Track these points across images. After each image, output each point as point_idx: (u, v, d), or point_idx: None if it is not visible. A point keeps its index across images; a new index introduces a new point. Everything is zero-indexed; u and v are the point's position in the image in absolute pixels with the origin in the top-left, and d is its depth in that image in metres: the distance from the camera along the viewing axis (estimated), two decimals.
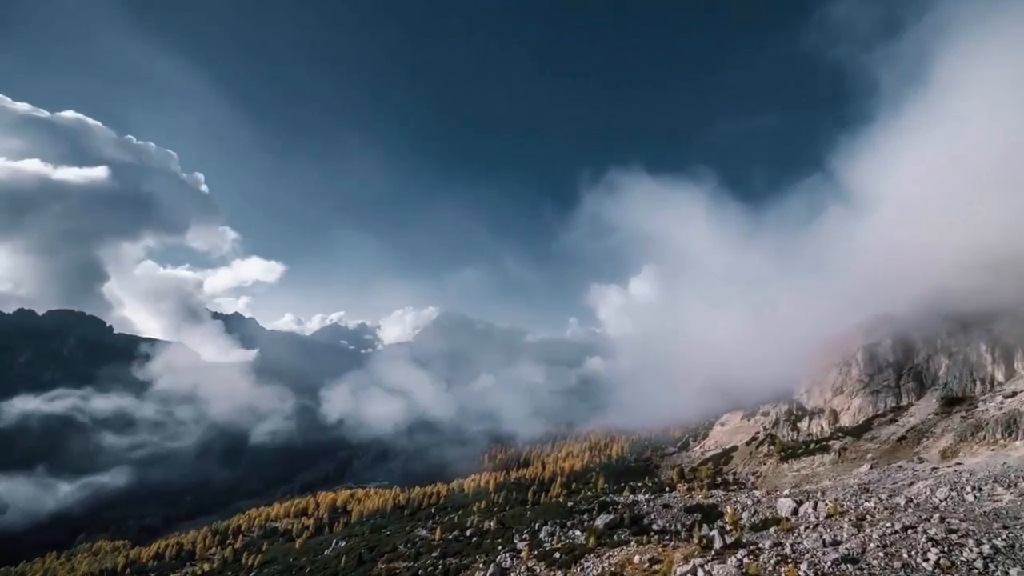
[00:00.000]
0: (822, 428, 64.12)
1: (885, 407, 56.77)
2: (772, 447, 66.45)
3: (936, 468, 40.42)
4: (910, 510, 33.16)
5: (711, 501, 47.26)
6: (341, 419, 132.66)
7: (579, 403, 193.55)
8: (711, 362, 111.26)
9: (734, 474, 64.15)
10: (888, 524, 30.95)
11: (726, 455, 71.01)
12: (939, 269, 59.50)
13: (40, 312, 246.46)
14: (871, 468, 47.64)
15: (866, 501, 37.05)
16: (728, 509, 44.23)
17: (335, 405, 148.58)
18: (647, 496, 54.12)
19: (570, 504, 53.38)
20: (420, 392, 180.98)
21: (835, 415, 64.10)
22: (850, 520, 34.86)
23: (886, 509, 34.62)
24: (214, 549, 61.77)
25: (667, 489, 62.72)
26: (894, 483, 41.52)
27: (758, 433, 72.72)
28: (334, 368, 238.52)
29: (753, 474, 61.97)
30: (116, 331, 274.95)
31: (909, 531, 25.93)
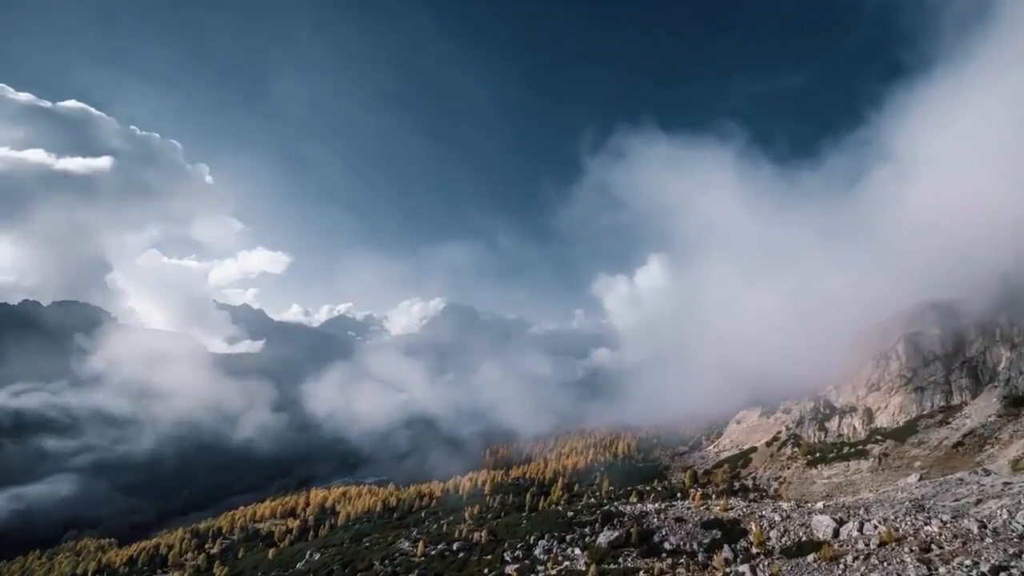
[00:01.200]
0: (854, 429, 57.30)
1: (932, 406, 49.72)
2: (796, 449, 59.93)
3: (1009, 483, 33.73)
4: (989, 539, 26.60)
5: (732, 515, 41.23)
6: (339, 412, 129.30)
7: (584, 396, 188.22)
8: (727, 353, 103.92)
9: (754, 479, 57.90)
10: (968, 561, 24.28)
11: (744, 457, 64.68)
12: (1000, 245, 51.15)
13: (45, 303, 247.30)
14: (921, 479, 41.01)
15: (926, 524, 30.57)
16: (753, 526, 38.17)
17: (335, 398, 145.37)
18: (657, 505, 48.25)
19: (570, 513, 47.77)
20: (423, 385, 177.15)
21: (870, 414, 57.16)
22: (912, 550, 28.24)
23: (956, 537, 28.09)
24: (190, 554, 57.78)
25: (679, 495, 56.82)
26: (955, 500, 34.90)
27: (779, 433, 66.14)
28: (337, 359, 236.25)
29: (776, 479, 55.65)
30: (121, 322, 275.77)
31: (1002, 574, 19.62)
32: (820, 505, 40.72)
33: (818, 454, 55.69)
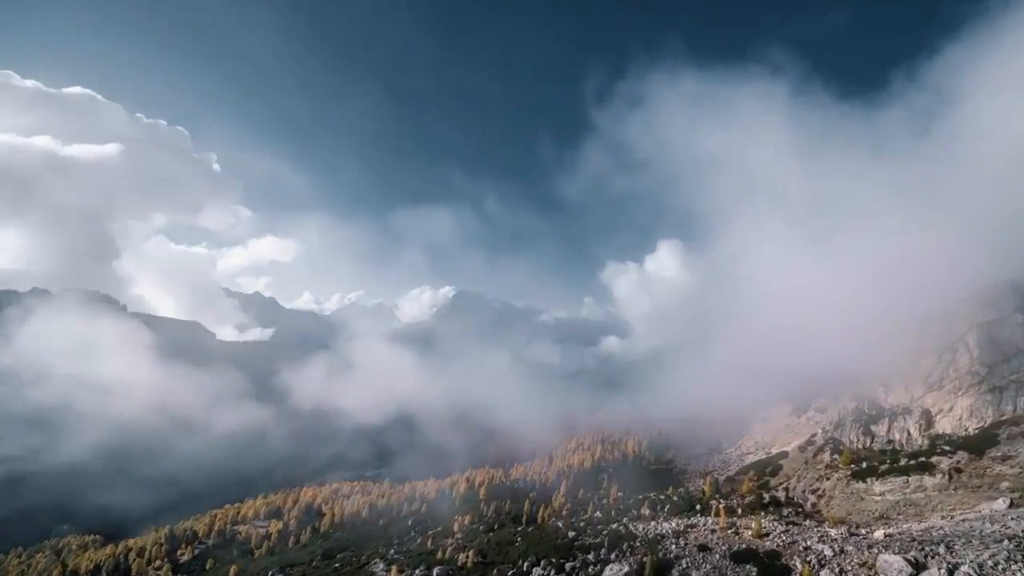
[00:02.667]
0: (908, 435, 48.70)
1: (1014, 410, 40.84)
2: (837, 456, 51.68)
3: None
4: None
5: (769, 545, 33.73)
6: (337, 403, 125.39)
7: (593, 388, 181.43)
8: (750, 340, 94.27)
9: (787, 491, 50.06)
10: None
11: (772, 463, 56.73)
12: None
13: (54, 291, 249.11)
14: (1013, 505, 32.69)
15: None
16: (797, 563, 30.70)
17: (333, 388, 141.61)
18: (674, 524, 41.02)
19: (571, 533, 40.93)
20: (428, 376, 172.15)
21: (928, 418, 48.43)
22: None
23: None
24: (158, 562, 53.11)
25: (698, 508, 49.53)
26: None
27: (814, 436, 57.84)
28: (343, 348, 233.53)
29: (813, 492, 47.73)
30: (130, 310, 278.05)
31: None
32: (880, 534, 32.93)
33: (865, 464, 47.45)
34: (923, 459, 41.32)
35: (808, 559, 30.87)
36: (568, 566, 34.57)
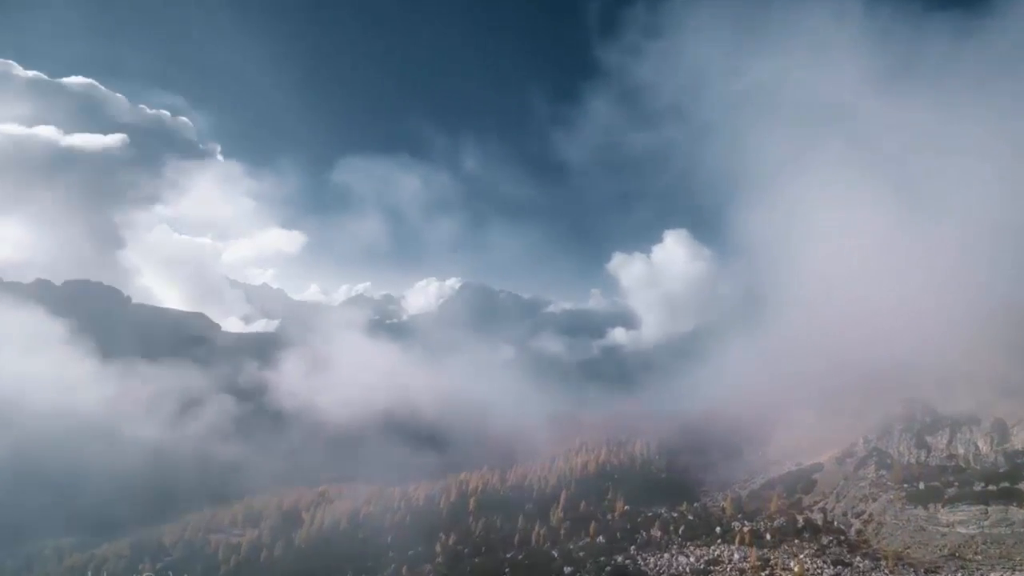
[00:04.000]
0: (977, 450, 40.64)
1: None
2: (885, 472, 43.90)
3: None
4: None
5: None
6: (335, 398, 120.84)
7: (600, 381, 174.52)
8: (775, 329, 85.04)
9: (824, 513, 42.56)
10: None
11: (804, 477, 49.16)
12: None
13: (58, 283, 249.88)
14: None
15: None
16: None
17: (332, 381, 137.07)
18: (692, 560, 34.07)
19: (567, 570, 34.23)
20: (427, 371, 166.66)
21: (1003, 430, 40.26)
22: None
23: None
24: None
25: (718, 530, 42.50)
26: None
27: (854, 446, 49.98)
28: (342, 340, 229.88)
29: (858, 516, 40.18)
30: (135, 301, 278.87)
31: None
32: None
33: (922, 484, 39.63)
34: (1006, 483, 33.36)
35: None
36: None
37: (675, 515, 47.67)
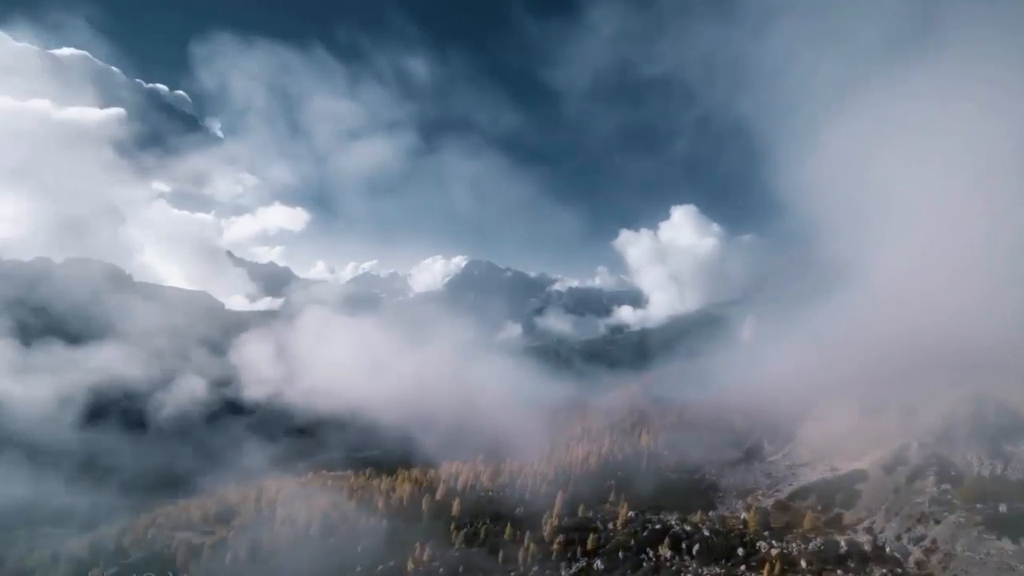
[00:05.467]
0: None
1: None
2: (950, 487, 35.88)
3: None
4: None
5: None
6: (322, 383, 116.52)
7: (605, 361, 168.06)
8: (801, 297, 74.90)
9: (872, 535, 35.03)
10: None
11: (844, 487, 41.53)
12: None
13: (58, 260, 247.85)
14: None
15: None
16: None
17: (323, 365, 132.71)
18: None
19: None
20: (434, 353, 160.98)
21: None
22: None
23: None
24: None
25: (740, 552, 35.53)
26: None
27: (905, 450, 41.81)
28: (335, 321, 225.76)
29: (917, 543, 32.57)
30: (136, 279, 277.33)
31: None
32: None
33: (1003, 507, 31.59)
34: None
35: None
36: None
37: (687, 528, 40.75)
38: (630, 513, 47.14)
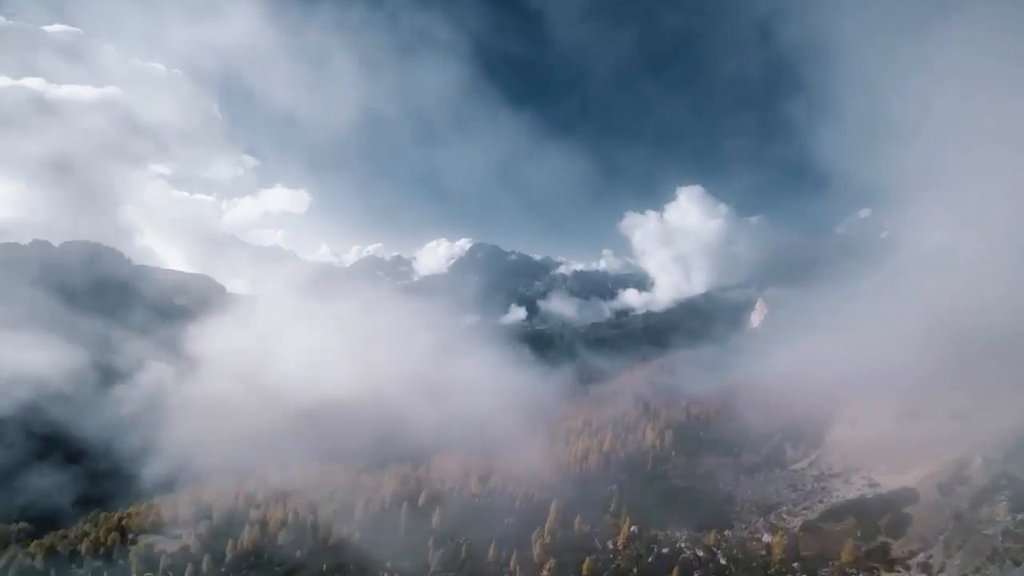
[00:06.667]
0: None
1: None
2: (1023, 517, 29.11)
3: None
4: None
5: None
6: (314, 371, 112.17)
7: (610, 346, 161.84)
8: (831, 276, 68.59)
9: (930, 574, 28.68)
10: None
11: (890, 507, 35.03)
12: None
13: (56, 243, 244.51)
14: None
15: None
16: None
17: (327, 358, 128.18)
18: None
19: None
20: (431, 340, 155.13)
21: None
22: None
23: None
24: None
25: None
26: None
27: (966, 466, 34.99)
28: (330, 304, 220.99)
29: None
30: (136, 263, 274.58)
31: None
32: None
33: None
34: None
35: None
36: None
37: (701, 554, 34.84)
38: (632, 528, 41.51)
